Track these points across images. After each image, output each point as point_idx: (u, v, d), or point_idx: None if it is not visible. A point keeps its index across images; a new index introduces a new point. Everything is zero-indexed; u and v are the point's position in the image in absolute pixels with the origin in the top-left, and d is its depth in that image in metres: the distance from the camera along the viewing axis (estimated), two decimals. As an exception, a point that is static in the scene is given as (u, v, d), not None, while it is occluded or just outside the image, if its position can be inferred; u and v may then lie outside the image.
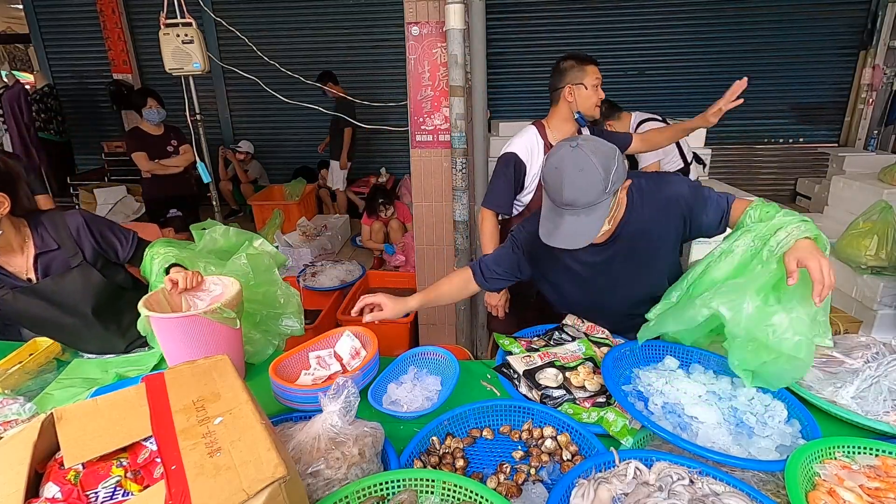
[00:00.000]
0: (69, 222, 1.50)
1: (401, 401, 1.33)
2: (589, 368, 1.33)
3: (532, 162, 2.04)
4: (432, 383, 1.39)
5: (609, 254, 1.41)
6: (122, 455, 0.83)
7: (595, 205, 1.18)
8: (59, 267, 1.48)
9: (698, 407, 1.14)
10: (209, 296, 1.50)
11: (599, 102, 2.01)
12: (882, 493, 0.90)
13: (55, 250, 1.47)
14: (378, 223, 4.65)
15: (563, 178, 1.17)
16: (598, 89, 1.97)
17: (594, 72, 1.96)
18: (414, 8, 2.42)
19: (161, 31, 2.87)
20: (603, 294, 1.49)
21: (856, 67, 5.55)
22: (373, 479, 0.91)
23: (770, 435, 1.08)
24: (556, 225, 1.21)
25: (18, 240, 1.45)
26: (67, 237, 1.48)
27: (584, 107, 2.00)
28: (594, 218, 1.19)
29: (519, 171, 2.04)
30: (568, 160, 1.17)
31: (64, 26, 6.11)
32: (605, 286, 1.47)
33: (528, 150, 2.03)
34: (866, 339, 1.34)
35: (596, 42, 5.66)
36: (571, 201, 1.17)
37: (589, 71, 1.94)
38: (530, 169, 2.05)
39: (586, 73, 1.94)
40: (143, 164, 3.77)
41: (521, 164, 2.03)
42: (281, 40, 5.91)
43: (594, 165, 1.15)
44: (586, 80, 1.95)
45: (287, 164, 6.40)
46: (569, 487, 0.93)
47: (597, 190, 1.16)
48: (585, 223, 1.19)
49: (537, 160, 2.05)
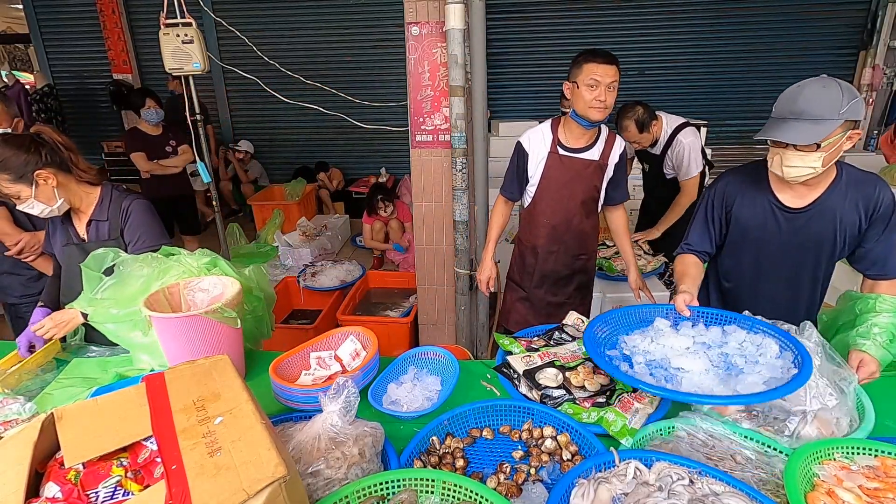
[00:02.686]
0: (125, 203, 1.71)
1: (401, 401, 1.33)
2: (589, 368, 1.33)
3: (534, 152, 1.99)
4: (432, 383, 1.39)
5: (805, 219, 1.44)
6: (122, 455, 0.83)
7: (823, 120, 1.20)
8: (103, 235, 1.70)
9: (684, 358, 1.15)
10: (209, 296, 1.50)
11: (600, 105, 1.78)
12: (881, 493, 0.90)
13: (103, 221, 1.69)
14: (379, 222, 4.65)
15: (801, 90, 1.23)
16: (594, 89, 1.77)
17: (591, 70, 1.76)
18: (414, 8, 2.42)
19: (161, 31, 2.87)
20: (776, 265, 1.53)
21: (856, 67, 5.56)
22: (373, 479, 0.91)
23: (759, 371, 1.07)
24: (779, 127, 1.26)
25: (84, 203, 1.68)
26: (116, 214, 1.70)
27: (577, 107, 1.85)
28: (818, 130, 1.21)
29: (521, 158, 2.01)
30: (814, 81, 1.24)
31: (64, 26, 6.11)
32: (782, 255, 1.51)
33: (532, 140, 1.99)
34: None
35: (596, 42, 5.65)
36: (801, 111, 1.22)
37: (584, 69, 1.78)
38: (532, 158, 2.00)
39: (581, 70, 1.79)
40: (142, 165, 3.77)
41: (524, 152, 2.00)
42: (281, 40, 5.91)
43: (838, 87, 1.21)
44: (579, 79, 1.80)
45: (287, 164, 6.40)
46: (569, 487, 0.93)
47: (832, 106, 1.19)
48: (809, 129, 1.21)
49: (540, 152, 1.98)
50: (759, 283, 1.60)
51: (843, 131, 1.24)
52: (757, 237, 1.53)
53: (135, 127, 3.86)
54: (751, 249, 1.57)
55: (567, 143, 1.96)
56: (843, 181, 1.40)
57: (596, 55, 1.78)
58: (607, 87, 1.77)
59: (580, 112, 1.84)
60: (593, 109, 1.80)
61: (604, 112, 1.82)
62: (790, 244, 1.48)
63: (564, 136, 1.97)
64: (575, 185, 1.99)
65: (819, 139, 1.22)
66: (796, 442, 1.09)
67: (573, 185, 1.99)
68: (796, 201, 1.43)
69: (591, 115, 1.81)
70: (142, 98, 3.72)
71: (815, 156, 1.25)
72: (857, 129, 1.26)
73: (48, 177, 1.54)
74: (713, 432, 1.11)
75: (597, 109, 1.80)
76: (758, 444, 1.09)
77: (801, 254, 1.49)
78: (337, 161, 6.39)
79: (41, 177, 1.53)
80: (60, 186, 1.58)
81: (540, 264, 2.14)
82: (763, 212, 1.49)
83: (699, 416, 1.15)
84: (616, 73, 1.78)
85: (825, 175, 1.37)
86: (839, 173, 1.40)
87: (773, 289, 1.58)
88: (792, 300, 1.58)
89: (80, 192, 1.66)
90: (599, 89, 1.77)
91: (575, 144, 1.96)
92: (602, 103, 1.78)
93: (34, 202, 1.54)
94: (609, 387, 1.28)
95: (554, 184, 2.00)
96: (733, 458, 1.06)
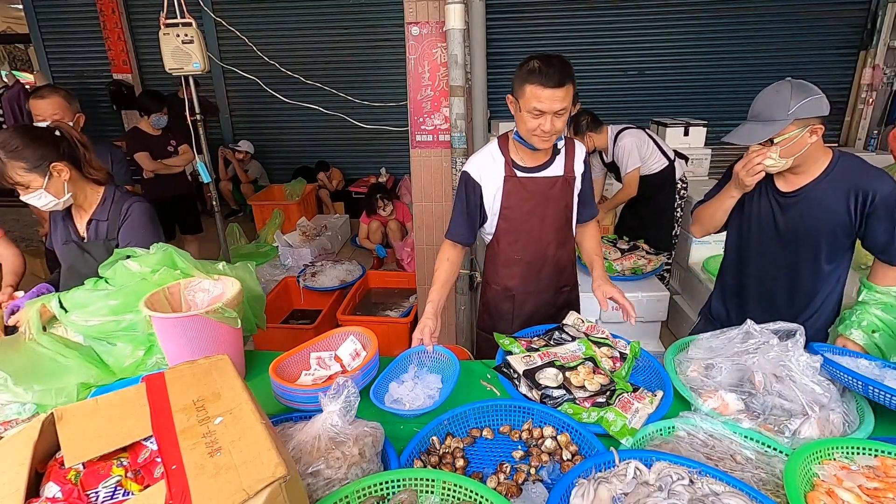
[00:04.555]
0: (125, 205, 1.71)
1: (402, 399, 1.33)
2: (589, 368, 1.33)
3: (487, 181, 1.63)
4: (433, 381, 1.39)
5: (794, 203, 1.52)
6: (122, 455, 0.83)
7: (773, 121, 1.37)
8: (101, 235, 1.70)
9: None
10: (209, 296, 1.50)
11: (544, 135, 1.48)
12: (881, 493, 0.90)
13: (103, 220, 1.70)
14: (376, 222, 4.65)
15: (759, 95, 1.41)
16: (537, 118, 1.44)
17: (533, 95, 1.41)
18: (414, 8, 2.43)
19: (161, 31, 2.87)
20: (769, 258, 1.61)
21: (856, 67, 5.56)
22: (373, 479, 0.91)
23: None
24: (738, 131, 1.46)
25: (87, 202, 1.69)
26: (116, 216, 1.71)
27: (520, 129, 1.54)
28: (768, 130, 1.37)
29: (473, 192, 1.64)
30: (772, 85, 1.40)
31: (64, 26, 6.11)
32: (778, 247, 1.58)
33: (480, 167, 1.63)
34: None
35: (596, 42, 5.67)
36: (756, 113, 1.41)
37: (527, 92, 1.42)
38: (486, 189, 1.63)
39: (523, 91, 1.44)
40: (146, 164, 3.77)
41: (474, 184, 1.63)
42: (281, 40, 5.91)
43: (790, 89, 1.36)
44: (521, 101, 1.46)
45: (287, 164, 6.40)
46: (569, 487, 0.93)
47: (780, 108, 1.36)
48: (759, 130, 1.39)
49: (494, 179, 1.62)
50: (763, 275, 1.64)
51: (799, 128, 1.37)
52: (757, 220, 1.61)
53: (136, 127, 3.85)
54: (754, 236, 1.63)
55: (523, 162, 1.62)
56: (837, 171, 1.47)
57: (540, 75, 1.39)
58: (555, 114, 1.44)
59: (523, 135, 1.54)
60: (537, 138, 1.50)
61: (550, 140, 1.52)
62: (786, 229, 1.55)
63: (518, 156, 1.63)
64: (543, 210, 1.65)
65: (766, 138, 1.38)
66: (796, 442, 1.09)
67: (541, 211, 1.65)
68: (786, 186, 1.54)
69: (535, 143, 1.52)
70: (159, 105, 3.71)
71: (772, 151, 1.41)
72: (821, 123, 1.39)
73: (62, 170, 1.57)
74: (713, 432, 1.12)
75: (541, 139, 1.50)
76: (758, 444, 1.09)
77: (796, 241, 1.55)
78: (337, 161, 6.39)
79: (56, 169, 1.55)
80: (71, 181, 1.61)
81: (518, 308, 1.79)
82: (761, 194, 1.59)
83: (699, 416, 1.15)
84: (566, 95, 1.42)
85: (815, 164, 1.48)
86: (833, 163, 1.48)
87: (775, 281, 1.62)
88: (793, 292, 1.60)
89: (86, 190, 1.68)
90: (545, 118, 1.44)
91: (532, 162, 1.62)
92: (547, 133, 1.47)
93: (42, 193, 1.56)
94: (609, 387, 1.28)
95: (518, 213, 1.65)
96: (733, 458, 1.06)
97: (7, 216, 5.69)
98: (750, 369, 1.24)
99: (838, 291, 1.61)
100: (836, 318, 1.61)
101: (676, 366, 1.39)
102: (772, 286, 1.64)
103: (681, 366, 1.39)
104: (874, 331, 1.43)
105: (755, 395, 1.22)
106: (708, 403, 1.21)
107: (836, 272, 1.57)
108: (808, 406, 1.13)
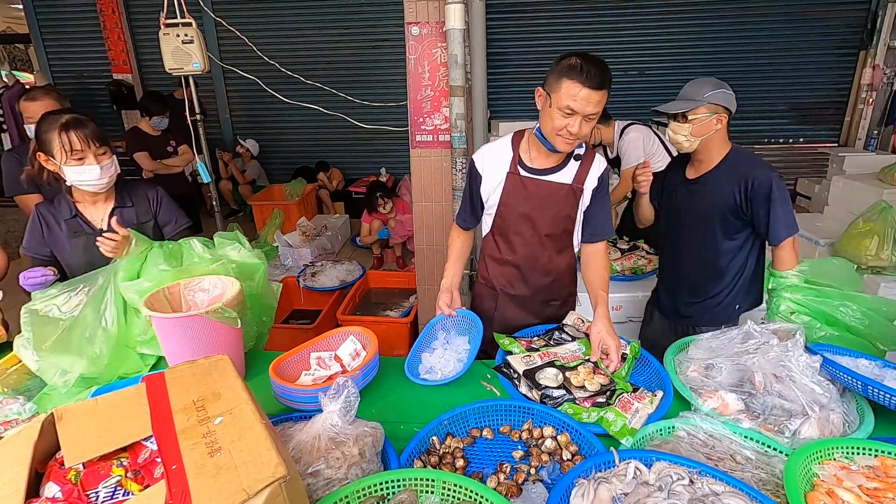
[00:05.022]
0: (146, 188, 1.83)
1: (435, 367, 1.47)
2: (589, 368, 1.33)
3: (489, 172, 1.59)
4: (461, 344, 1.51)
5: (697, 189, 1.75)
6: (122, 455, 0.83)
7: (690, 100, 1.63)
8: (131, 221, 1.73)
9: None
10: (209, 296, 1.50)
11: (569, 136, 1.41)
12: (881, 493, 0.90)
13: (129, 206, 1.76)
14: (377, 221, 4.66)
15: (686, 85, 1.68)
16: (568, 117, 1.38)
17: (570, 92, 1.34)
18: (414, 8, 2.43)
19: (161, 31, 2.87)
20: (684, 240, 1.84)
21: (856, 67, 5.55)
22: (373, 479, 0.91)
23: None
24: (665, 105, 1.68)
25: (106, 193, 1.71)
26: (143, 199, 1.79)
27: (543, 125, 1.47)
28: (685, 105, 1.63)
29: (474, 180, 1.63)
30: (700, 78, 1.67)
31: (64, 26, 6.11)
32: (689, 230, 1.81)
33: (486, 158, 1.60)
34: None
35: (596, 42, 5.66)
36: (681, 95, 1.67)
37: (563, 87, 1.35)
38: (486, 181, 1.60)
39: (560, 86, 1.36)
40: (146, 164, 3.76)
41: (476, 173, 1.61)
42: (281, 40, 5.91)
43: (711, 82, 1.62)
44: (554, 96, 1.39)
45: (287, 164, 6.40)
46: (569, 487, 0.93)
47: (699, 92, 1.62)
48: (679, 105, 1.65)
49: (497, 172, 1.58)
50: (682, 258, 1.87)
51: (708, 112, 1.61)
52: (675, 208, 1.85)
53: (135, 127, 3.85)
54: (672, 222, 1.88)
55: (531, 162, 1.56)
56: (730, 161, 1.69)
57: (582, 73, 1.32)
58: (585, 117, 1.37)
59: (546, 133, 1.47)
60: (560, 139, 1.43)
61: (572, 144, 1.46)
62: (691, 212, 1.78)
63: (528, 155, 1.57)
64: (540, 213, 1.58)
65: (683, 110, 1.62)
66: (796, 442, 1.09)
67: (537, 216, 1.58)
68: (693, 174, 1.78)
69: (556, 144, 1.45)
70: (162, 108, 3.71)
71: (685, 127, 1.64)
72: (726, 114, 1.63)
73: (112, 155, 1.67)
74: (713, 432, 1.12)
75: (564, 140, 1.43)
76: (758, 444, 1.09)
77: (699, 222, 1.76)
78: (337, 161, 6.39)
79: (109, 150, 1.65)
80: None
81: (500, 309, 1.74)
82: (676, 185, 1.84)
83: (699, 416, 1.15)
84: (602, 100, 1.36)
85: (717, 153, 1.70)
86: (729, 154, 1.70)
87: (689, 261, 1.84)
88: (704, 270, 1.80)
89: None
90: (574, 119, 1.38)
91: (541, 164, 1.56)
92: (573, 135, 1.41)
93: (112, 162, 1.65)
94: (609, 387, 1.28)
95: (514, 212, 1.60)
96: (733, 458, 1.06)
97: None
98: (750, 369, 1.24)
99: (750, 273, 1.78)
100: (755, 300, 1.82)
101: (676, 366, 1.39)
102: (689, 267, 1.85)
103: (681, 366, 1.39)
104: (792, 312, 1.57)
105: (755, 396, 1.22)
106: (708, 403, 1.21)
107: (742, 251, 1.74)
108: (808, 406, 1.13)
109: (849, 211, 3.28)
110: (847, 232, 2.85)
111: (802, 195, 5.67)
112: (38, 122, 1.58)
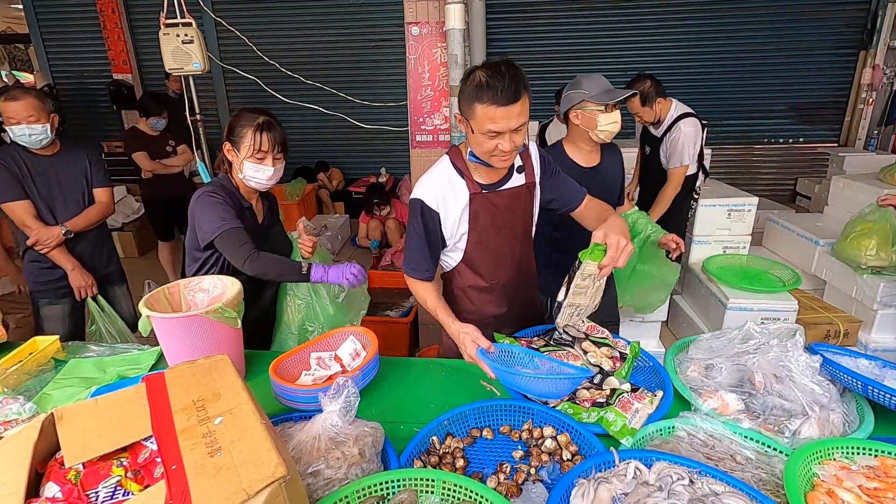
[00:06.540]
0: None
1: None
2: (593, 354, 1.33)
3: (446, 206, 1.44)
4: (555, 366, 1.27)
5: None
6: (122, 455, 0.83)
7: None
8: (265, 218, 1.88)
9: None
10: (209, 296, 1.50)
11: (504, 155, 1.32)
12: (881, 493, 0.90)
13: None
14: (375, 221, 4.67)
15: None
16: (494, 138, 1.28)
17: (487, 117, 1.25)
18: (414, 8, 2.43)
19: (161, 31, 2.87)
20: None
21: (856, 67, 5.56)
22: (373, 479, 0.91)
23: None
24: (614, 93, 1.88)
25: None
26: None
27: (474, 149, 1.37)
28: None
29: (431, 221, 1.45)
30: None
31: (64, 26, 6.11)
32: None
33: (436, 193, 1.43)
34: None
35: (596, 42, 5.67)
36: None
37: (478, 112, 1.26)
38: (446, 216, 1.45)
39: (473, 112, 1.28)
40: (144, 164, 3.76)
41: (431, 213, 1.44)
42: (281, 40, 5.91)
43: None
44: (472, 122, 1.30)
45: (287, 164, 6.35)
46: (569, 487, 0.93)
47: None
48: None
49: (456, 202, 1.44)
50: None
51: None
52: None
53: (134, 127, 3.85)
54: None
55: (484, 179, 1.46)
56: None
57: (491, 91, 1.22)
58: (513, 132, 1.27)
59: (480, 156, 1.37)
60: (496, 159, 1.34)
61: (512, 157, 1.35)
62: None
63: (478, 173, 1.46)
64: (513, 223, 1.53)
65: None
66: (796, 442, 1.09)
67: (511, 225, 1.52)
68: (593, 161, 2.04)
69: (495, 164, 1.36)
70: (159, 108, 3.71)
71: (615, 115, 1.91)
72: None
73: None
74: (713, 432, 1.12)
75: (501, 159, 1.33)
76: (758, 444, 1.09)
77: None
78: (337, 161, 6.39)
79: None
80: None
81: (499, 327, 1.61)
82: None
83: (699, 416, 1.15)
84: (524, 108, 1.26)
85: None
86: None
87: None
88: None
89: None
90: (502, 137, 1.28)
91: (492, 179, 1.47)
92: (507, 152, 1.31)
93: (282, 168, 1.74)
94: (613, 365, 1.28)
95: (489, 230, 1.49)
96: (733, 458, 1.06)
97: None
98: (750, 369, 1.24)
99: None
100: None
101: (676, 366, 1.39)
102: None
103: (681, 366, 1.39)
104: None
105: (755, 396, 1.22)
106: (708, 403, 1.21)
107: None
108: (808, 406, 1.13)
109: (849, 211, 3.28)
110: (847, 232, 2.86)
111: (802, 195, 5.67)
112: (236, 116, 1.67)
